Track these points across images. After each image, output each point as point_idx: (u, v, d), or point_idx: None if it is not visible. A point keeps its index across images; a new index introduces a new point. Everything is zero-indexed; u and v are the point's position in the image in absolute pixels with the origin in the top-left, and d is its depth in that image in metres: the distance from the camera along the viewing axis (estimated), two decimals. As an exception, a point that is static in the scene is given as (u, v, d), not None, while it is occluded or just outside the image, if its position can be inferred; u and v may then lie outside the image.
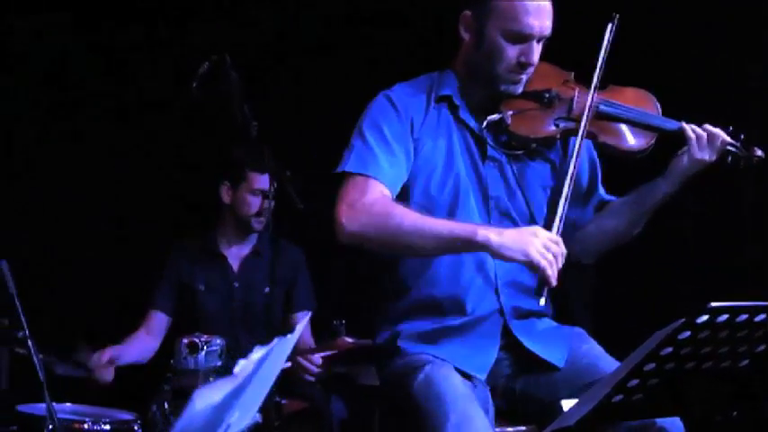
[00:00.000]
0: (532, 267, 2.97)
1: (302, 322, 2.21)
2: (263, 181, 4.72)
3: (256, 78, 4.13)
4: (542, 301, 3.01)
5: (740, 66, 4.71)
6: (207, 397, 1.82)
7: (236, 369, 1.90)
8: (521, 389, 3.21)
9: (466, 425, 2.92)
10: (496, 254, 2.98)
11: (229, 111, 3.76)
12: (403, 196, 3.19)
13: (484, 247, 2.98)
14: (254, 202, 4.81)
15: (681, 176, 3.23)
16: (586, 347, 3.20)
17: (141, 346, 4.82)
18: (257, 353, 1.96)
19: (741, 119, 3.34)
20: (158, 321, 4.88)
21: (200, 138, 5.26)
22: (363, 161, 3.15)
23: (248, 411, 2.10)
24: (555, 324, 3.31)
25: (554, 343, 3.22)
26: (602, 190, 3.42)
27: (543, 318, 3.29)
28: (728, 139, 3.22)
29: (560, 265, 2.97)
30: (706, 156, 3.20)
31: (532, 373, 3.20)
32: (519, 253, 2.95)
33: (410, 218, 3.05)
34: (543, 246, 2.95)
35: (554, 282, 2.96)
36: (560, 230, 3.09)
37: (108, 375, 4.53)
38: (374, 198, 3.09)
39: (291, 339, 2.13)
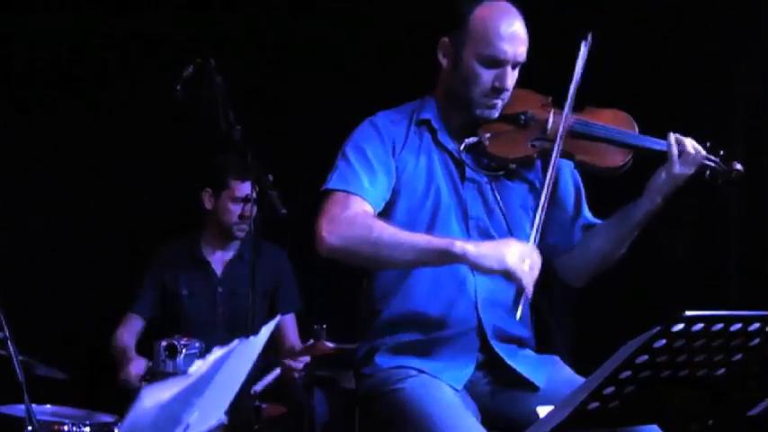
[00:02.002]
0: (509, 277, 3.01)
1: (269, 325, 2.20)
2: (245, 188, 4.74)
3: (240, 82, 4.11)
4: (519, 314, 3.06)
5: (719, 81, 4.74)
6: (155, 395, 1.82)
7: (191, 369, 1.91)
8: (497, 408, 3.22)
9: (460, 429, 2.96)
10: (473, 264, 3.03)
11: (213, 114, 3.76)
12: (385, 215, 3.24)
13: (461, 257, 3.02)
14: (236, 210, 4.84)
15: (659, 192, 3.23)
16: (563, 375, 3.23)
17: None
18: (214, 354, 1.96)
19: (721, 135, 3.36)
20: (135, 325, 4.90)
21: (183, 141, 5.26)
22: (345, 179, 3.21)
23: (211, 412, 2.10)
24: (534, 354, 3.35)
25: (534, 366, 3.26)
26: (587, 213, 3.44)
27: (524, 347, 3.33)
28: (704, 151, 3.22)
29: (536, 275, 3.02)
30: (685, 170, 3.21)
31: (511, 392, 3.23)
32: (495, 262, 2.99)
33: (389, 231, 3.09)
34: (519, 256, 2.99)
35: (530, 291, 3.01)
36: (536, 241, 3.14)
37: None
38: (354, 212, 3.14)
39: (256, 341, 2.13)
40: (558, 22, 4.39)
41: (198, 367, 1.92)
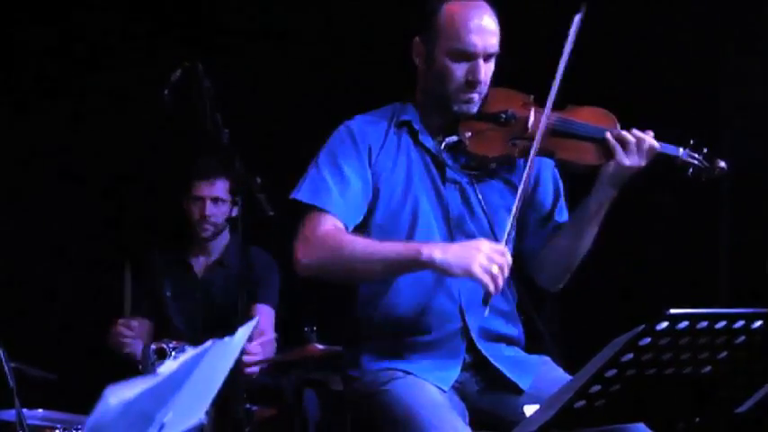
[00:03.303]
0: (476, 279, 3.01)
1: (246, 326, 2.21)
2: (202, 188, 4.82)
3: (229, 85, 4.13)
4: (487, 312, 3.06)
5: (709, 76, 4.75)
6: (120, 393, 1.82)
7: (160, 369, 1.92)
8: (485, 408, 3.22)
9: (445, 430, 2.95)
10: (441, 271, 3.04)
11: (200, 118, 3.77)
12: (365, 219, 3.25)
13: (429, 264, 3.03)
14: (195, 210, 4.86)
15: (609, 182, 3.23)
16: (553, 375, 3.22)
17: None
18: (186, 354, 1.97)
19: (710, 133, 3.37)
20: (145, 327, 4.91)
21: (176, 145, 5.26)
22: (316, 192, 3.21)
23: (188, 412, 2.10)
24: (523, 353, 3.35)
25: (521, 367, 3.26)
26: (559, 215, 3.42)
27: (513, 345, 3.33)
28: (655, 141, 3.21)
29: (505, 275, 3.02)
30: (634, 161, 3.20)
31: (498, 393, 3.23)
32: (461, 269, 3.00)
33: (359, 246, 3.12)
34: (487, 258, 2.99)
35: (497, 292, 3.01)
36: (510, 239, 3.15)
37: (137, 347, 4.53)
38: (325, 231, 3.16)
39: (233, 342, 2.13)
40: (540, 18, 4.40)
41: (167, 367, 1.92)
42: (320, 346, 4.20)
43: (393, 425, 3.06)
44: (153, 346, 4.17)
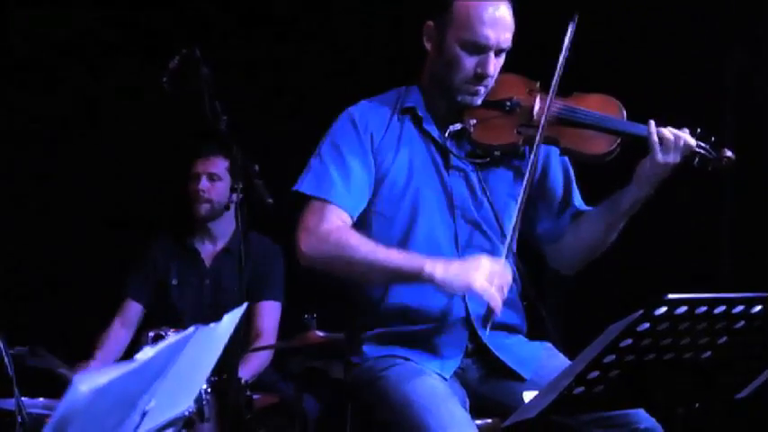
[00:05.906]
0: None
1: (233, 313, 2.19)
2: (198, 164, 4.84)
3: (228, 72, 4.11)
4: (487, 332, 3.09)
5: (712, 67, 4.73)
6: (90, 380, 1.78)
7: (138, 355, 1.89)
8: (486, 394, 3.22)
9: (449, 418, 2.95)
10: (441, 288, 3.04)
11: (199, 105, 3.75)
12: (367, 206, 3.24)
13: (429, 281, 3.03)
14: (192, 188, 4.85)
15: (646, 180, 3.19)
16: (555, 362, 3.20)
17: (117, 341, 4.83)
18: (167, 341, 1.95)
19: (712, 120, 3.34)
20: (133, 311, 4.90)
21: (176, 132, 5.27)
22: (320, 184, 3.20)
23: (174, 400, 2.08)
24: (525, 339, 3.34)
25: (522, 355, 3.25)
26: (577, 200, 3.41)
27: (515, 333, 3.32)
28: (692, 139, 3.18)
29: (505, 295, 3.02)
30: (669, 158, 3.16)
31: (499, 380, 3.22)
32: (461, 288, 3.02)
33: (363, 250, 3.10)
34: (487, 277, 2.99)
35: (498, 313, 3.01)
36: (512, 250, 3.17)
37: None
38: (330, 226, 3.14)
39: (218, 329, 2.11)
40: (547, 3, 4.39)
41: (145, 353, 1.90)
42: (320, 334, 4.19)
43: (391, 411, 3.05)
44: (151, 333, 4.16)
